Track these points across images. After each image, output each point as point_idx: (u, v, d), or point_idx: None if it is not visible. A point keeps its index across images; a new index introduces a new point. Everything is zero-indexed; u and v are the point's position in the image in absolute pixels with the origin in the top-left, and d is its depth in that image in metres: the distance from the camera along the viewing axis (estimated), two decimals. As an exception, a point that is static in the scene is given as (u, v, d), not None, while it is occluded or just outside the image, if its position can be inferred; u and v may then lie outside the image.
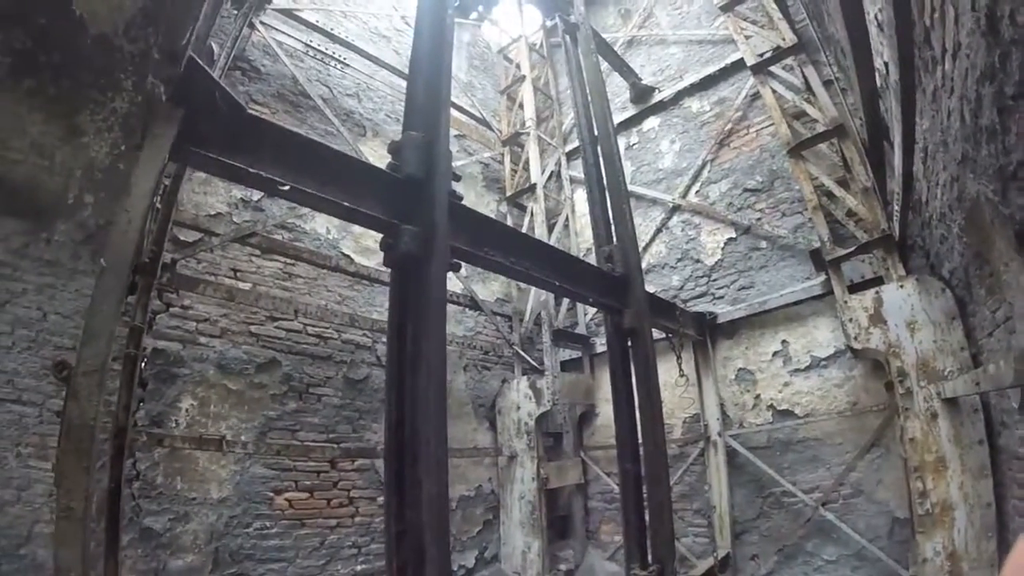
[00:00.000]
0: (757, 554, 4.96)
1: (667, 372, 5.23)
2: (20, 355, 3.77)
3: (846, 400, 4.98)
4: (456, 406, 6.56)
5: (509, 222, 8.14)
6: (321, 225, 5.97)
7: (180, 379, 4.59)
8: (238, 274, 5.20)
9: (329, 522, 5.17)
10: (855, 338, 4.48)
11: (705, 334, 5.93)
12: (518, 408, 6.76)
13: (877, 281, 4.66)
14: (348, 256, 6.13)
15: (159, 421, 4.41)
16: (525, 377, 7.01)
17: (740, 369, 5.83)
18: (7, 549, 3.58)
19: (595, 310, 7.07)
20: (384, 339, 5.75)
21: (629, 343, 3.81)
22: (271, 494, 4.88)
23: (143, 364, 4.05)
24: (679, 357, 5.34)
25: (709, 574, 4.41)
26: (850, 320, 4.55)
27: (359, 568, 5.25)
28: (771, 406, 5.47)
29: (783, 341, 5.57)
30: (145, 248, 3.97)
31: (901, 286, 4.32)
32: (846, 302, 4.63)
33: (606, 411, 6.63)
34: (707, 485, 5.47)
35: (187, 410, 4.58)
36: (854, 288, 4.79)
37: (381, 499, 5.28)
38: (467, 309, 7.28)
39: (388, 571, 2.02)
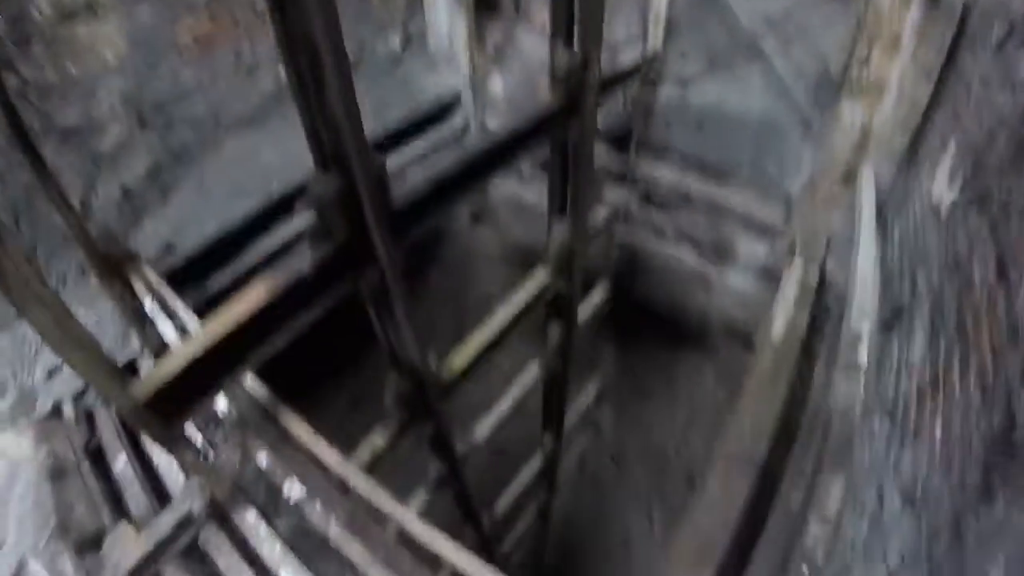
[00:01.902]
0: (687, 53, 4.86)
1: None
2: None
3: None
4: None
5: None
6: None
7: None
8: None
9: (241, 40, 4.74)
10: None
11: None
12: None
13: None
14: None
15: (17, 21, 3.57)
16: None
17: None
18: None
19: None
20: None
21: None
22: (171, 33, 4.35)
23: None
24: None
25: (637, 66, 4.42)
26: None
27: (283, 76, 5.02)
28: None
29: None
30: None
31: None
32: None
33: None
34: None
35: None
36: None
37: None
38: None
39: (290, 82, 1.84)
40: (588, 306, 5.74)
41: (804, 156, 4.39)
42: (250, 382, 2.71)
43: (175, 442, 2.03)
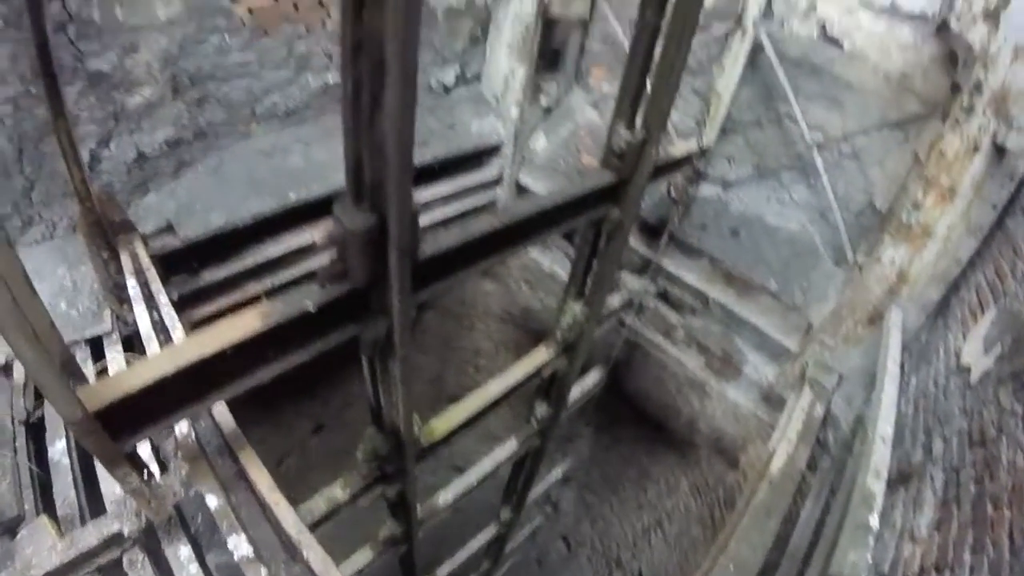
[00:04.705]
0: (735, 156, 4.78)
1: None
2: None
3: (901, 67, 4.04)
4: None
5: None
6: None
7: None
8: None
9: (297, 29, 4.61)
10: (957, 16, 3.42)
11: None
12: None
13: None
14: None
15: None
16: None
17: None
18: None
19: None
20: None
21: None
22: (228, 3, 4.20)
23: None
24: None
25: (687, 159, 4.31)
26: (960, -7, 3.40)
27: (331, 79, 4.91)
28: (823, 23, 4.48)
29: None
30: None
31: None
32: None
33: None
34: (719, 69, 4.92)
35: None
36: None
37: None
38: None
39: (343, 89, 1.64)
40: (580, 388, 5.50)
41: (832, 285, 4.26)
42: (218, 408, 2.45)
43: (118, 463, 1.76)
